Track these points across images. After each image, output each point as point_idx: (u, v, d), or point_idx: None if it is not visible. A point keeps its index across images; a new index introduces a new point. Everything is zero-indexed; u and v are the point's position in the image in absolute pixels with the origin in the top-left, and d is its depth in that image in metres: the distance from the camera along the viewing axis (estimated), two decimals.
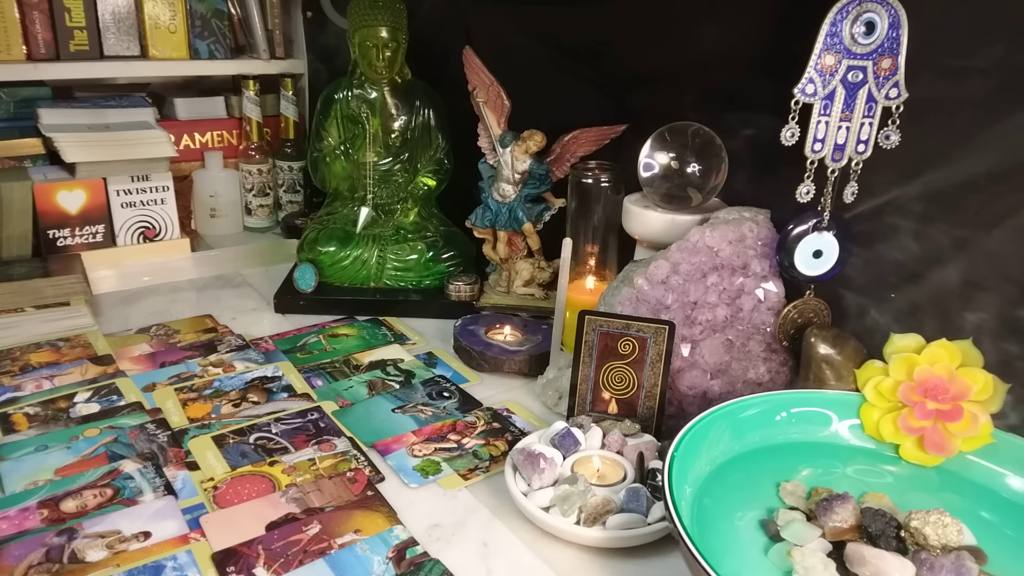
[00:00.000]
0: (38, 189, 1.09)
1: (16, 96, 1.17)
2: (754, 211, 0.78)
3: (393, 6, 1.03)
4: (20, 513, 0.64)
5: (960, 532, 0.54)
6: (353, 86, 1.07)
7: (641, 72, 0.94)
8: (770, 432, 0.66)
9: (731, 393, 0.74)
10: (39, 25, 1.12)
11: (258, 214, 1.35)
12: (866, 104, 0.67)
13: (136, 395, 0.82)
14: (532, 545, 0.63)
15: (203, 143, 1.33)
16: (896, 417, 0.64)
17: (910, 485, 0.62)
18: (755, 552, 0.54)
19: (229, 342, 0.95)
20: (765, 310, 0.76)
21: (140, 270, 1.15)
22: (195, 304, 1.08)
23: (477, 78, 1.02)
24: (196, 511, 0.65)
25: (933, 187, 0.67)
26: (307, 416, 0.80)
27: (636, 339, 0.72)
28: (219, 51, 1.28)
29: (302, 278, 1.06)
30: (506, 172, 1.02)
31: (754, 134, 0.76)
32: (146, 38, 1.21)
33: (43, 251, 1.12)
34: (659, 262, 0.75)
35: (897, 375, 0.64)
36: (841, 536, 0.55)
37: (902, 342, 0.65)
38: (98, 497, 0.66)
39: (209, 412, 0.80)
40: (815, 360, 0.70)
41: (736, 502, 0.59)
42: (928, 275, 0.69)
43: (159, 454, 0.72)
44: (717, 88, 0.85)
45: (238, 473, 0.70)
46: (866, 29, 0.65)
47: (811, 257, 0.72)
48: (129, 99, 1.25)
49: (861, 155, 0.69)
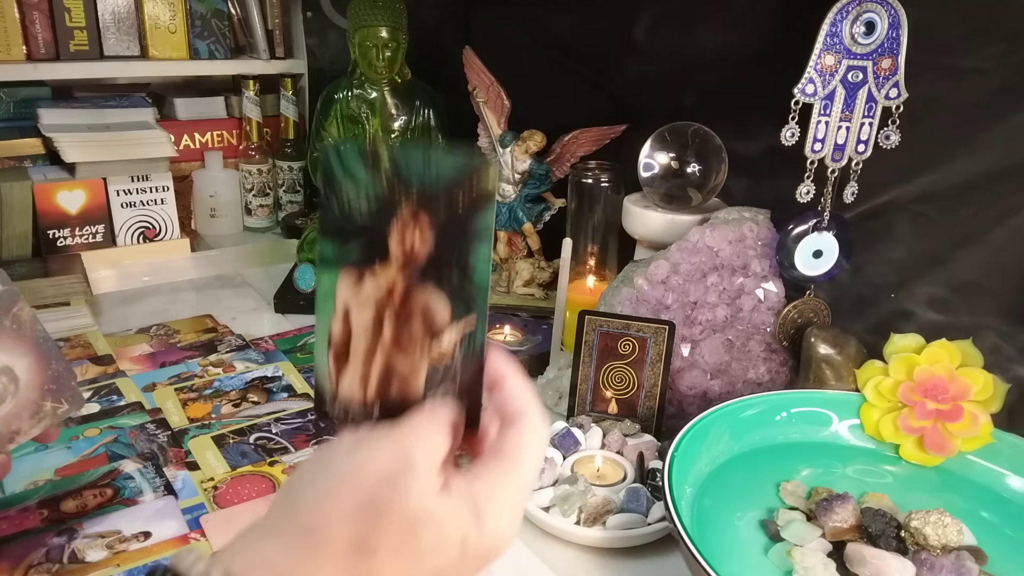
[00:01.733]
0: (38, 189, 1.09)
1: (16, 96, 1.17)
2: (754, 211, 0.78)
3: (393, 6, 1.03)
4: (20, 513, 0.64)
5: (960, 532, 0.54)
6: (353, 86, 1.07)
7: (641, 72, 0.94)
8: (770, 432, 0.66)
9: (731, 393, 0.74)
10: (39, 25, 1.12)
11: (258, 214, 1.35)
12: (866, 104, 0.67)
13: (136, 395, 0.82)
14: (532, 545, 0.63)
15: (203, 143, 1.33)
16: (896, 417, 0.64)
17: (910, 485, 0.62)
18: (755, 552, 0.54)
19: (229, 342, 0.95)
20: (765, 310, 0.76)
21: (140, 270, 1.15)
22: (195, 304, 1.08)
23: (477, 78, 1.02)
24: (196, 511, 0.65)
25: (933, 187, 0.67)
26: (307, 416, 0.80)
27: (636, 339, 0.72)
28: (219, 51, 1.28)
29: (302, 278, 1.06)
30: (506, 172, 1.02)
31: (754, 134, 0.76)
32: (146, 38, 1.21)
33: (43, 251, 1.11)
34: (659, 262, 0.75)
35: (897, 375, 0.64)
36: (841, 536, 0.55)
37: (902, 342, 0.65)
38: (98, 497, 0.66)
39: (209, 412, 0.80)
40: (815, 360, 0.70)
41: (736, 502, 0.59)
42: (928, 275, 0.69)
43: (159, 454, 0.72)
44: (717, 88, 0.84)
45: (238, 473, 0.70)
46: (866, 29, 0.65)
47: (811, 257, 0.72)
48: (129, 99, 1.25)
49: (861, 155, 0.69)
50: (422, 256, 0.34)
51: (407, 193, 0.34)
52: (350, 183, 0.34)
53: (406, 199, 0.34)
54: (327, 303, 0.35)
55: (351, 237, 0.34)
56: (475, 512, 0.31)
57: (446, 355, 0.35)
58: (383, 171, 0.34)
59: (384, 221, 0.34)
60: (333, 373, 0.35)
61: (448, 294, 0.35)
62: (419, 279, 0.35)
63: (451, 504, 0.31)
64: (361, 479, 0.30)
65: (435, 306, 0.35)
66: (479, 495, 0.32)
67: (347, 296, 0.35)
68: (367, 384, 0.35)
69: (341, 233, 0.34)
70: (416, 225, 0.34)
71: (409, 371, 0.35)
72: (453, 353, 0.35)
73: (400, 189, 0.34)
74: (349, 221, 0.34)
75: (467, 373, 0.35)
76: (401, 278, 0.35)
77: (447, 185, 0.33)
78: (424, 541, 0.30)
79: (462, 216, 0.34)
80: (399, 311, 0.35)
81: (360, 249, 0.34)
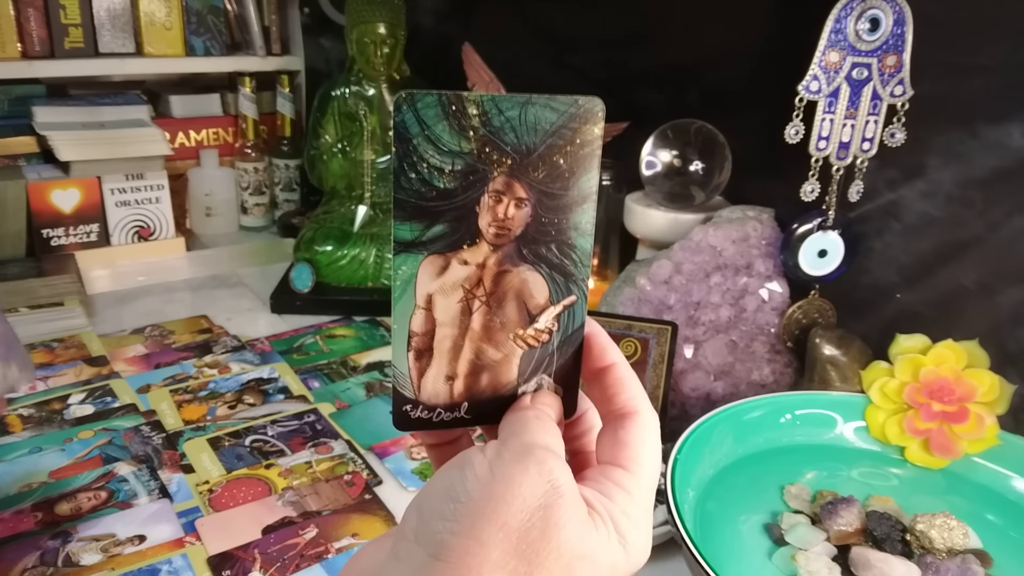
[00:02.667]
0: (32, 188, 1.08)
1: (10, 94, 1.16)
2: (758, 210, 0.77)
3: (391, 2, 1.02)
4: (14, 516, 0.63)
5: (966, 535, 0.53)
6: (351, 83, 1.07)
7: (643, 68, 0.94)
8: (774, 434, 0.65)
9: (735, 395, 0.74)
10: (34, 22, 1.11)
11: (254, 213, 1.34)
12: (871, 101, 0.67)
13: (131, 397, 0.81)
14: None
15: (198, 141, 1.32)
16: (902, 419, 0.63)
17: (915, 488, 0.62)
18: (759, 556, 0.54)
19: (224, 343, 0.94)
20: (769, 310, 0.75)
21: (135, 270, 1.14)
22: (190, 304, 1.07)
23: (477, 75, 1.02)
24: (191, 514, 0.64)
25: (939, 185, 0.67)
26: (304, 418, 0.79)
27: (638, 340, 0.72)
28: (215, 48, 1.27)
29: (299, 278, 1.05)
30: None
31: (758, 132, 0.75)
32: (141, 35, 1.20)
33: (37, 251, 1.11)
34: (662, 262, 0.75)
35: (903, 376, 0.64)
36: (846, 540, 0.54)
37: (908, 343, 0.65)
38: (92, 500, 0.65)
39: (204, 414, 0.79)
40: (820, 361, 0.69)
41: (739, 505, 0.58)
42: (934, 275, 0.69)
43: (154, 456, 0.72)
44: (720, 85, 0.84)
45: (234, 476, 0.69)
46: (871, 26, 0.65)
47: (816, 256, 0.72)
48: (124, 97, 1.24)
49: (866, 153, 0.68)
50: (517, 231, 0.30)
51: (501, 154, 0.29)
52: (429, 145, 0.28)
53: (500, 162, 0.29)
54: (406, 295, 0.30)
55: (434, 217, 0.29)
56: (620, 536, 0.28)
57: (542, 337, 0.31)
58: (472, 128, 0.28)
59: (474, 192, 0.29)
60: (414, 373, 0.31)
61: (547, 270, 0.30)
62: (514, 257, 0.30)
63: (601, 533, 0.28)
64: (509, 518, 0.26)
65: (532, 287, 0.31)
66: (616, 513, 0.29)
67: (430, 285, 0.30)
68: (454, 379, 0.31)
69: (421, 211, 0.29)
70: (511, 195, 0.29)
71: (501, 359, 0.31)
72: (550, 334, 0.31)
73: (493, 150, 0.28)
74: (430, 195, 0.29)
75: (565, 357, 0.32)
76: (493, 259, 0.30)
77: (548, 139, 0.28)
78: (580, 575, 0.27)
79: (566, 176, 0.29)
80: (491, 295, 0.30)
81: (445, 231, 0.29)
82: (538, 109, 0.28)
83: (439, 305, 0.30)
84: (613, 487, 0.29)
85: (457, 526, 0.26)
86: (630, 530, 0.29)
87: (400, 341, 0.31)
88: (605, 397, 0.32)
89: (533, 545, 0.26)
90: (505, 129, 0.28)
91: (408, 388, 0.31)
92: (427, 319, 0.30)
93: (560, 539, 0.26)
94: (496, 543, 0.26)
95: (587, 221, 0.30)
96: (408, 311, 0.30)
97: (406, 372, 0.31)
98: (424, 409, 0.31)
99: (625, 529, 0.28)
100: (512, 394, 0.32)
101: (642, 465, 0.30)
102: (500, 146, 0.28)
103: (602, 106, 0.29)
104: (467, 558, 0.25)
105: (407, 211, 0.29)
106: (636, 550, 0.29)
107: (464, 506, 0.26)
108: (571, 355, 0.32)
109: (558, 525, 0.26)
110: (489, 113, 0.28)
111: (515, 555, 0.26)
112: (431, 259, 0.30)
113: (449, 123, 0.28)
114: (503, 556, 0.26)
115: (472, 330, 0.31)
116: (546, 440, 0.29)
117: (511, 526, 0.26)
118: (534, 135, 0.28)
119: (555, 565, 0.26)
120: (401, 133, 0.28)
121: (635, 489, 0.30)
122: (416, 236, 0.29)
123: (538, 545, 0.26)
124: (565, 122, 0.29)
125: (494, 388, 0.32)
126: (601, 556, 0.27)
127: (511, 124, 0.28)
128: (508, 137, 0.28)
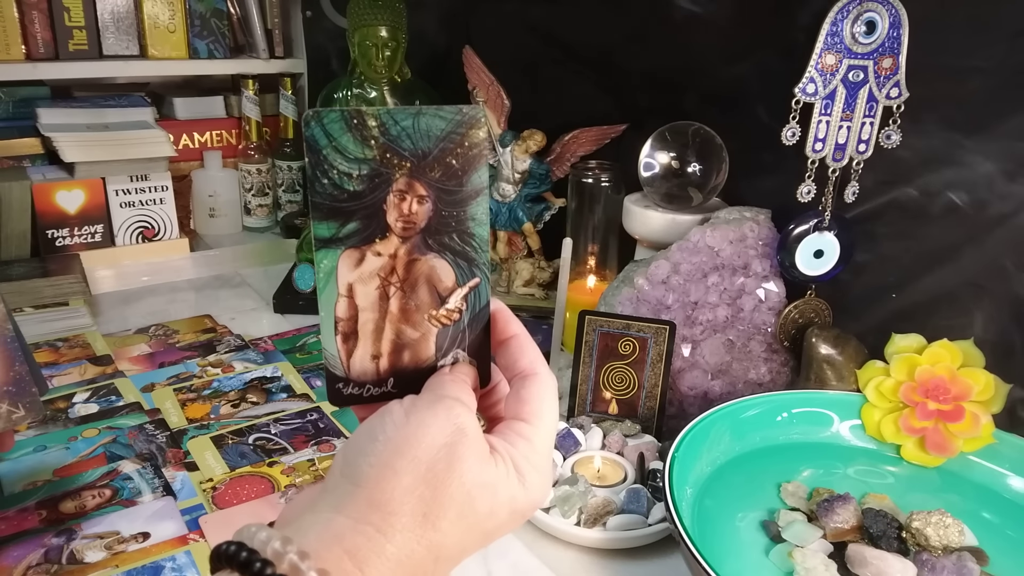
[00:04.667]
0: (37, 189, 1.09)
1: (15, 96, 1.17)
2: (755, 211, 0.78)
3: (393, 5, 1.02)
4: (19, 514, 0.63)
5: (961, 533, 0.54)
6: (352, 86, 1.07)
7: (641, 70, 0.94)
8: (771, 433, 0.66)
9: (732, 393, 0.74)
10: (38, 24, 1.12)
11: (257, 214, 1.35)
12: (867, 104, 0.67)
13: (135, 395, 0.82)
14: (532, 546, 0.63)
15: (202, 143, 1.33)
16: (897, 417, 0.64)
17: (911, 486, 0.62)
18: (756, 553, 0.54)
19: (228, 342, 0.95)
20: (766, 310, 0.76)
21: (139, 270, 1.15)
22: (194, 304, 1.07)
23: (477, 77, 1.02)
24: (195, 512, 0.65)
25: (934, 187, 0.67)
26: (306, 417, 0.80)
27: (637, 339, 0.72)
28: (218, 50, 1.27)
29: (301, 278, 1.06)
30: (506, 172, 1.02)
31: (755, 133, 0.76)
32: (145, 37, 1.21)
33: (42, 251, 1.11)
34: (660, 262, 0.75)
35: (898, 375, 0.64)
36: (842, 537, 0.55)
37: (903, 342, 0.65)
38: (97, 498, 0.66)
39: (208, 413, 0.80)
40: (816, 360, 0.70)
41: (737, 503, 0.59)
42: (929, 275, 0.69)
43: (158, 455, 0.72)
44: (718, 87, 0.84)
45: (237, 474, 0.70)
46: (867, 28, 0.65)
47: (812, 257, 0.72)
48: (128, 99, 1.25)
49: (862, 155, 0.69)
50: (421, 224, 0.34)
51: (400, 158, 0.33)
52: (337, 155, 0.32)
53: (400, 165, 0.33)
54: (329, 285, 0.34)
55: (347, 215, 0.33)
56: (518, 473, 0.33)
57: (453, 316, 0.35)
58: (372, 137, 0.32)
59: (380, 193, 0.33)
60: (343, 354, 0.35)
61: (451, 256, 0.35)
62: (421, 247, 0.34)
63: (500, 469, 0.32)
64: (419, 452, 0.31)
65: (440, 272, 0.35)
66: (516, 456, 0.33)
67: (349, 275, 0.34)
68: (379, 358, 0.35)
69: (335, 211, 0.33)
70: (413, 193, 0.33)
71: (419, 338, 0.35)
72: (460, 313, 0.35)
73: (393, 155, 0.32)
74: (342, 197, 0.33)
75: (475, 332, 0.36)
76: (403, 249, 0.34)
77: (440, 144, 0.33)
78: (481, 505, 0.31)
79: (459, 174, 0.33)
80: (404, 281, 0.35)
81: (358, 228, 0.33)
82: (429, 118, 0.32)
83: (359, 292, 0.34)
84: (515, 436, 0.34)
85: (375, 459, 0.31)
86: (529, 471, 0.33)
87: (328, 326, 0.35)
88: (509, 363, 0.37)
89: (439, 475, 0.31)
90: (402, 137, 0.32)
91: (339, 368, 0.35)
92: (350, 305, 0.35)
93: (462, 469, 0.31)
94: (407, 472, 0.30)
95: (482, 212, 0.34)
96: (332, 299, 0.34)
97: (336, 354, 0.35)
98: (355, 386, 0.36)
99: (525, 470, 0.33)
100: (432, 367, 0.36)
101: (541, 418, 0.35)
102: (399, 152, 0.32)
103: (484, 113, 0.34)
104: (382, 483, 0.30)
105: (323, 212, 0.33)
106: (534, 488, 0.33)
107: (382, 444, 0.31)
108: (480, 330, 0.36)
109: (461, 458, 0.31)
110: (386, 124, 0.32)
111: (423, 482, 0.30)
112: (348, 252, 0.34)
113: (352, 135, 0.32)
114: (413, 482, 0.30)
115: (391, 313, 0.35)
116: (456, 393, 0.34)
117: (421, 459, 0.31)
118: (428, 141, 0.33)
119: (457, 491, 0.31)
120: (311, 145, 0.32)
121: (535, 438, 0.34)
122: (333, 233, 0.33)
123: (443, 475, 0.31)
124: (453, 128, 0.33)
125: (415, 363, 0.36)
126: (500, 488, 0.32)
127: (407, 132, 0.32)
128: (405, 144, 0.32)
